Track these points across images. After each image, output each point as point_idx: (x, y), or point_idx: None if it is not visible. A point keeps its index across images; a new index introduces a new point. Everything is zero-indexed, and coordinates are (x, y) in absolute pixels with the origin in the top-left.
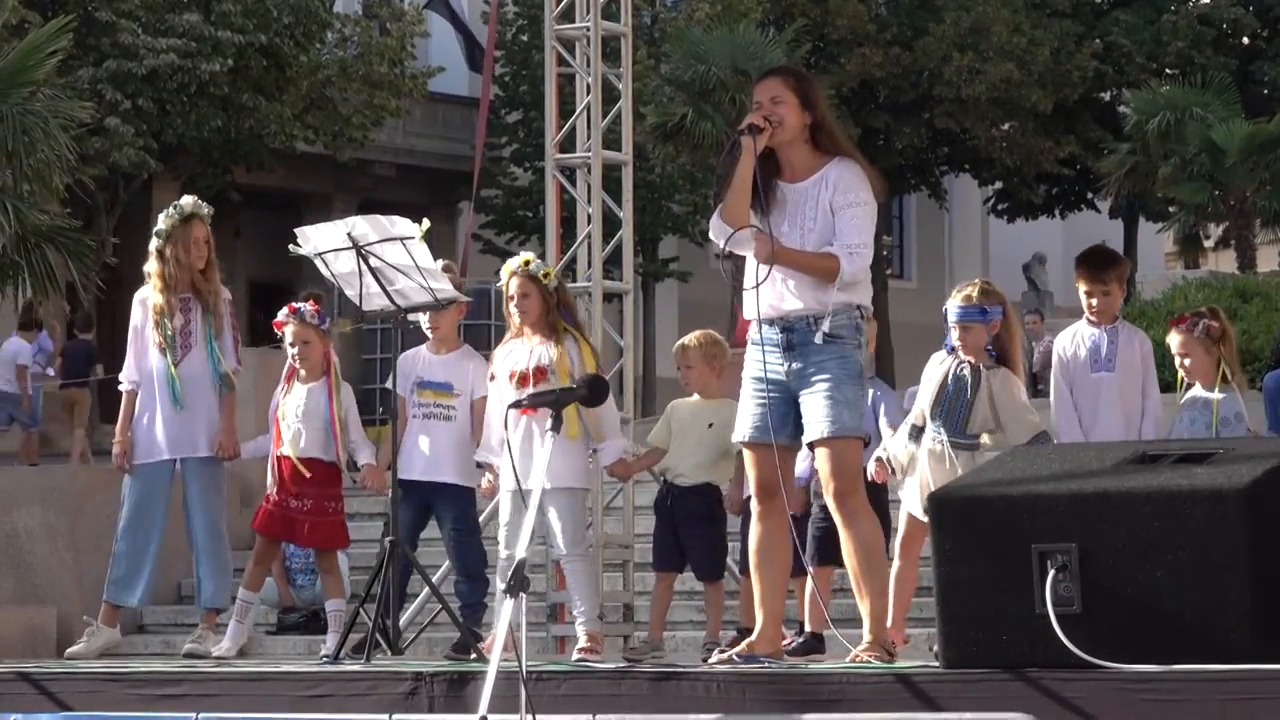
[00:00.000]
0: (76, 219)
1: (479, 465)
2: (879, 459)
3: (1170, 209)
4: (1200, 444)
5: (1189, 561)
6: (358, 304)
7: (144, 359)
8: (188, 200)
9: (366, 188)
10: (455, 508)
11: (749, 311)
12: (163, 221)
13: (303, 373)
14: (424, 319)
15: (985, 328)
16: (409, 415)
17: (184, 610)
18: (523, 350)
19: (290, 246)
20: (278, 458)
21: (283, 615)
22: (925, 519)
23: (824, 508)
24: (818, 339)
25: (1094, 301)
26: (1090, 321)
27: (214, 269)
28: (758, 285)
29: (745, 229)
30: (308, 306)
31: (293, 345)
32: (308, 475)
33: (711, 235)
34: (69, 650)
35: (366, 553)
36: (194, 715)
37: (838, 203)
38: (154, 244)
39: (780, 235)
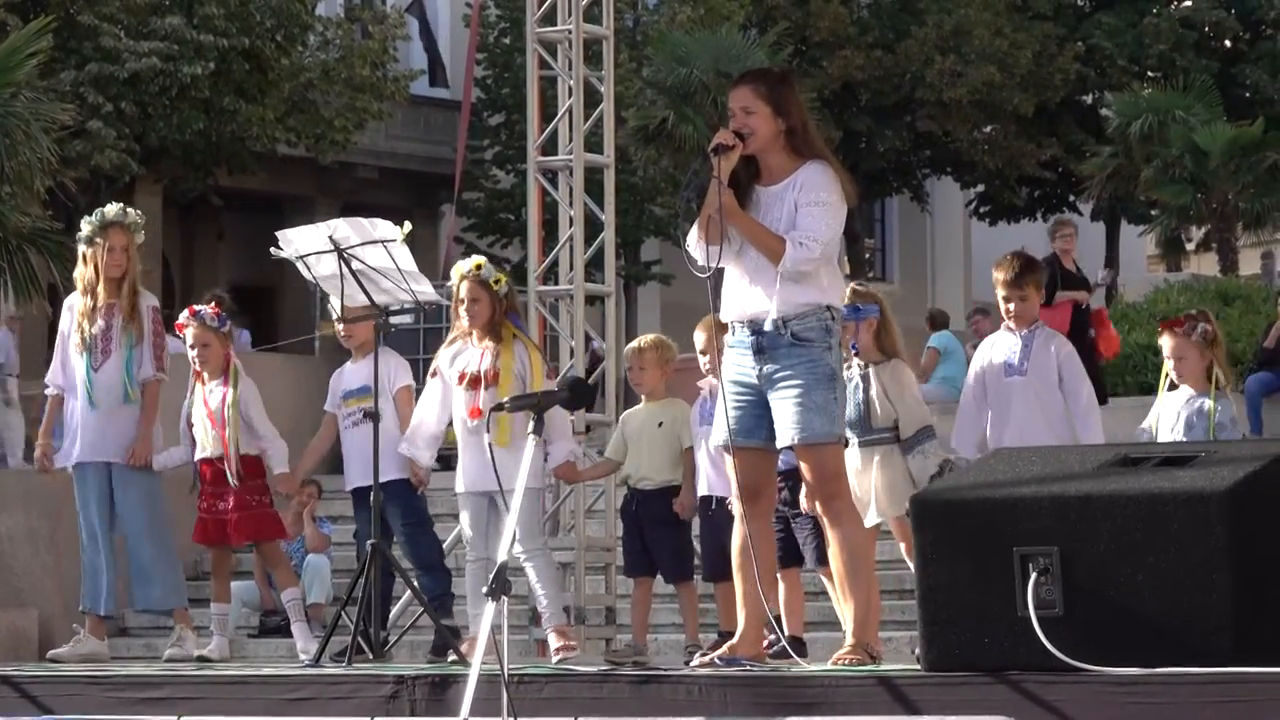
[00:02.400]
0: (58, 221)
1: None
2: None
3: (1152, 212)
4: (1182, 447)
5: (1171, 564)
6: (339, 307)
7: (68, 364)
8: (111, 208)
9: (348, 190)
10: (399, 503)
11: (725, 315)
12: (84, 227)
13: (205, 375)
14: (340, 328)
15: (861, 325)
16: (343, 429)
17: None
18: (473, 353)
19: (272, 249)
20: (198, 464)
21: (264, 618)
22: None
23: (777, 513)
24: (786, 341)
25: (1011, 306)
26: (1007, 328)
27: (132, 277)
28: (710, 272)
29: (720, 244)
30: (208, 309)
31: (193, 347)
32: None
33: (690, 252)
34: (51, 652)
35: (351, 554)
36: (175, 718)
37: (800, 200)
38: (80, 249)
39: None
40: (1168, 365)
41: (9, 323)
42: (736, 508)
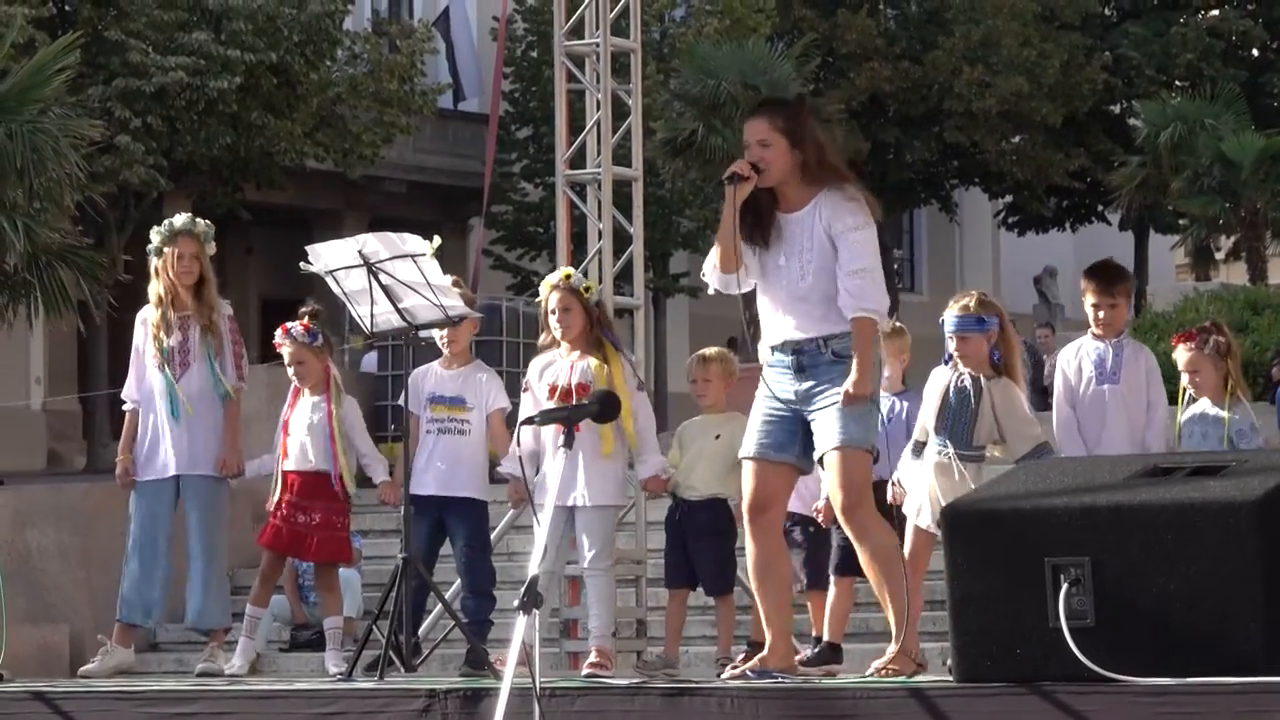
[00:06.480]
0: (88, 237)
1: (498, 478)
2: (893, 484)
3: (1181, 221)
4: (1213, 457)
5: (1202, 574)
6: (366, 325)
7: (144, 377)
8: (180, 218)
9: (377, 205)
10: (468, 523)
11: (764, 339)
12: (154, 238)
13: (306, 389)
14: (438, 333)
15: (983, 338)
16: (423, 431)
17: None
18: (564, 365)
19: (301, 264)
20: (284, 473)
21: (296, 632)
22: (933, 532)
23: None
24: (827, 359)
25: (1101, 314)
26: (1095, 335)
27: (209, 286)
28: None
29: (736, 272)
30: (298, 326)
31: (289, 365)
32: (313, 486)
33: (706, 278)
34: (82, 669)
35: (382, 569)
36: None
37: (836, 230)
38: (150, 262)
39: (779, 268)
40: (1184, 380)
41: None
42: (746, 522)
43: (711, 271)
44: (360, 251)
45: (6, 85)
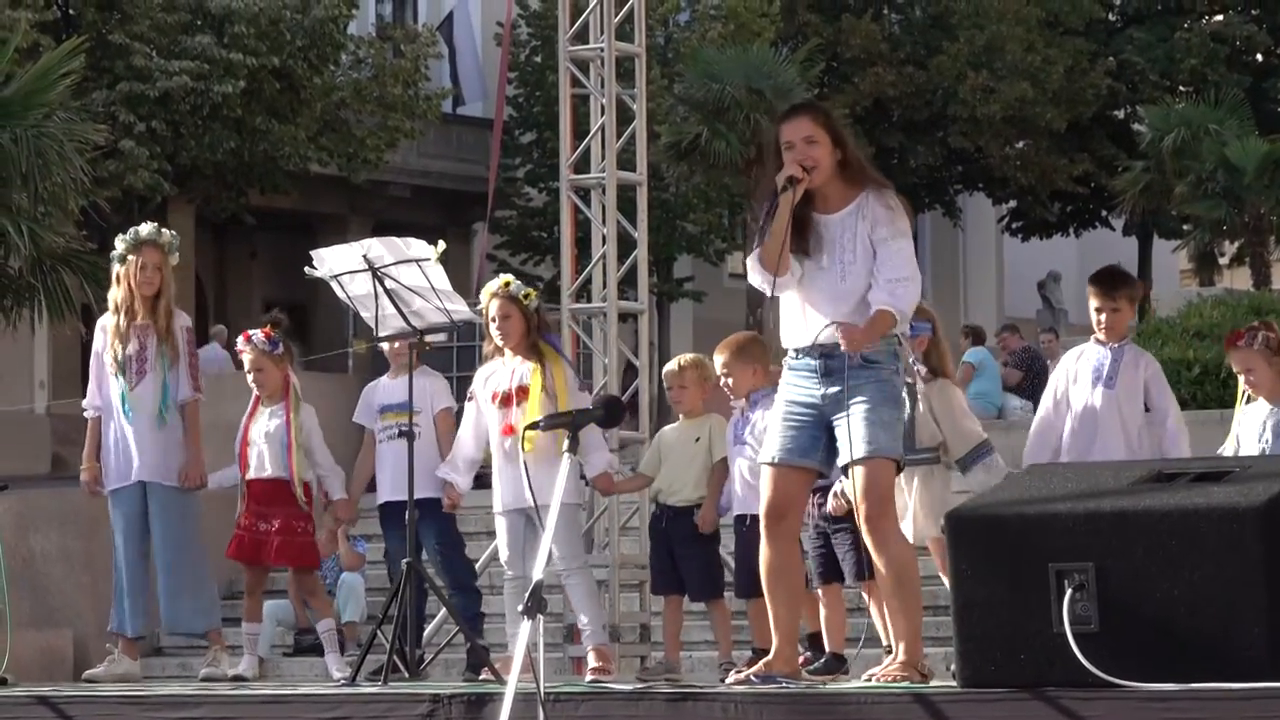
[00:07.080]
0: (91, 242)
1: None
2: (836, 494)
3: (1185, 226)
4: (1216, 462)
5: (1206, 580)
6: (373, 327)
7: (105, 384)
8: (145, 227)
9: (381, 209)
10: (434, 524)
11: (788, 341)
12: (119, 245)
13: (265, 397)
14: (386, 345)
15: (912, 344)
16: (377, 442)
17: None
18: (504, 372)
19: (306, 269)
20: (247, 482)
21: (299, 637)
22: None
23: (818, 528)
24: (856, 363)
25: (1103, 318)
26: (1098, 340)
27: (166, 297)
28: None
29: (786, 276)
30: (259, 333)
31: (249, 372)
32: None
33: (753, 283)
34: (87, 673)
35: (381, 573)
36: None
37: (878, 235)
38: (114, 268)
39: (820, 270)
40: (1241, 381)
41: None
42: (763, 527)
43: (757, 272)
44: (365, 256)
45: (11, 90)
